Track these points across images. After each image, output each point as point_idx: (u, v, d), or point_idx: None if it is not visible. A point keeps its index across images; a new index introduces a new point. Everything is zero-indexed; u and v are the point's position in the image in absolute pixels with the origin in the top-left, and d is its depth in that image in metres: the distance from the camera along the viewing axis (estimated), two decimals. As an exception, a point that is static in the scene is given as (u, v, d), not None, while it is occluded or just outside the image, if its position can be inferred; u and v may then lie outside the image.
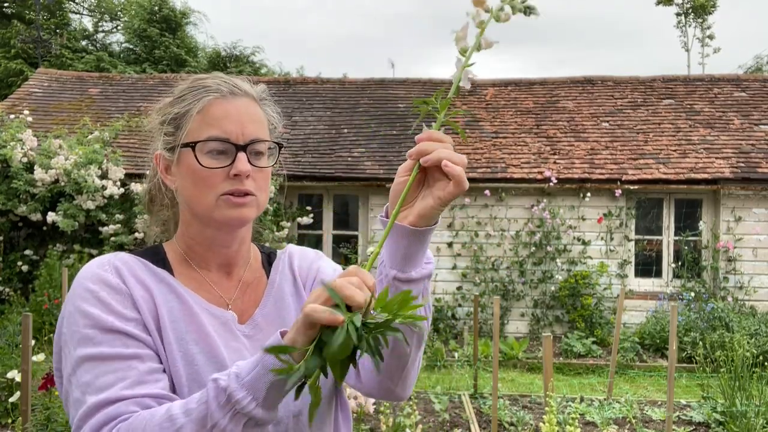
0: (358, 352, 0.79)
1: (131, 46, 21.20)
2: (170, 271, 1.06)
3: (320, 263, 1.21)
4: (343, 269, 0.95)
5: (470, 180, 9.20)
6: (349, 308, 0.79)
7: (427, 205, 0.91)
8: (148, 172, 1.18)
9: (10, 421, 4.53)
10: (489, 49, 0.88)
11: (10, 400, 4.09)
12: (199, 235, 1.08)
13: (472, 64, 0.88)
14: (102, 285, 0.96)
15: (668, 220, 9.00)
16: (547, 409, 2.39)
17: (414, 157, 0.91)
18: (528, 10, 0.85)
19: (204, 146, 1.01)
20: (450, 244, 8.95)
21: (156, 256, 1.08)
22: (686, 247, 8.86)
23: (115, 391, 0.88)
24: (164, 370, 0.96)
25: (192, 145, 1.02)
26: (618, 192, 8.64)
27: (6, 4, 20.79)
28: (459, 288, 8.93)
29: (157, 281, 1.02)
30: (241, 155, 1.01)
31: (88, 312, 0.94)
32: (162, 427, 0.83)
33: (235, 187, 1.01)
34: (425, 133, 0.91)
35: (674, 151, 9.13)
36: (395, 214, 0.90)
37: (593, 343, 8.01)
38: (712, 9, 22.70)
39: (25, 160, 7.97)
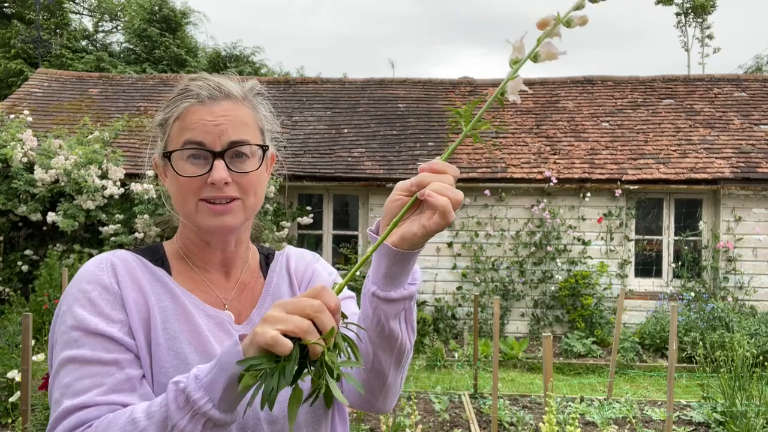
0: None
1: (131, 46, 21.17)
2: (168, 270, 1.07)
3: (316, 266, 1.21)
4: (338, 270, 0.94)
5: (470, 180, 9.19)
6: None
7: (411, 230, 0.89)
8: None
9: (10, 421, 4.53)
10: (553, 60, 0.81)
11: (10, 400, 4.09)
12: (195, 237, 1.09)
13: (515, 77, 0.82)
14: (95, 284, 0.97)
15: (668, 220, 9.00)
16: (547, 409, 2.39)
17: (414, 188, 0.88)
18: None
19: (182, 153, 1.01)
20: (450, 244, 8.95)
21: (155, 255, 1.09)
22: (686, 247, 8.86)
23: (89, 397, 0.89)
24: (143, 376, 0.96)
25: (168, 154, 1.02)
26: (618, 192, 8.64)
27: (6, 4, 20.78)
28: (459, 288, 8.93)
29: (153, 280, 1.03)
30: (218, 163, 1.00)
31: (76, 313, 0.95)
32: (125, 430, 0.83)
33: (214, 194, 1.01)
34: (427, 164, 0.88)
35: (674, 151, 9.13)
36: (384, 236, 0.88)
37: (593, 343, 8.01)
38: (712, 9, 22.68)
39: (25, 160, 7.97)
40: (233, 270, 1.12)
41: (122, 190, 7.94)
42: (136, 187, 7.83)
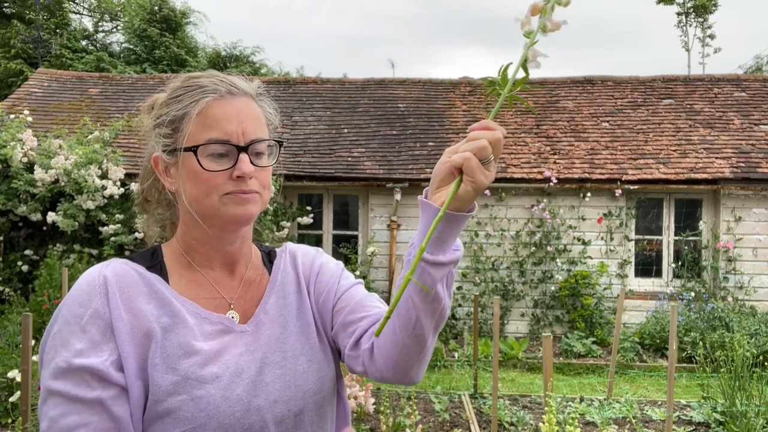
0: None
1: (131, 46, 21.18)
2: (166, 276, 1.05)
3: (322, 260, 1.21)
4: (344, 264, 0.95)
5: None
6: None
7: (461, 189, 0.91)
8: (140, 172, 1.17)
9: (10, 421, 4.54)
10: (557, 31, 0.86)
11: (10, 400, 4.09)
12: (201, 235, 1.07)
13: (535, 42, 0.87)
14: (87, 307, 0.95)
15: (668, 220, 9.00)
16: (547, 409, 2.38)
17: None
18: None
19: (205, 149, 1.00)
20: (450, 244, 8.95)
21: (153, 260, 1.07)
22: (686, 247, 8.86)
23: None
24: (130, 413, 0.95)
25: (194, 149, 1.00)
26: (618, 192, 8.64)
27: (6, 4, 20.78)
28: (459, 288, 8.93)
29: (149, 293, 1.00)
30: (243, 156, 1.01)
31: (67, 342, 0.94)
32: None
33: (239, 188, 1.01)
34: (480, 123, 0.90)
35: (674, 151, 9.13)
36: (445, 206, 0.90)
37: (593, 343, 8.01)
38: (713, 8, 22.66)
39: (25, 160, 7.97)
40: (237, 267, 1.12)
41: (122, 190, 7.94)
42: (136, 187, 7.80)
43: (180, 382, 0.96)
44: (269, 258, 1.19)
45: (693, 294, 8.28)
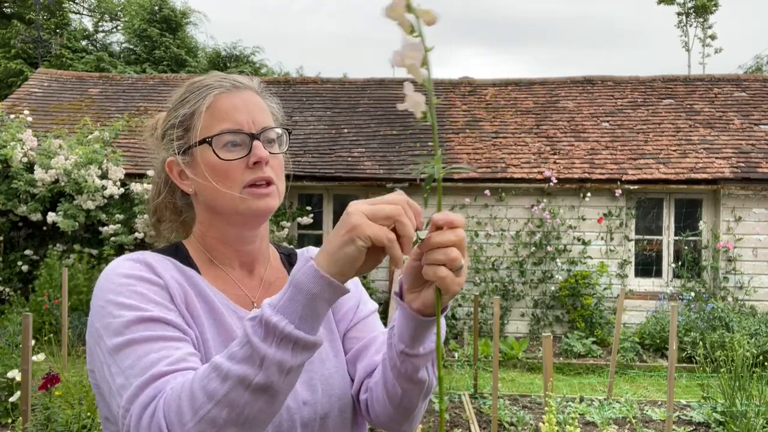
0: None
1: (131, 46, 21.19)
2: (197, 269, 1.05)
3: None
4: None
5: (470, 180, 9.16)
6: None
7: (429, 295, 0.87)
8: (150, 192, 1.16)
9: (10, 421, 4.54)
10: (433, 24, 0.78)
11: (10, 400, 4.09)
12: (220, 236, 1.07)
13: (434, 95, 0.80)
14: (136, 279, 0.93)
15: (668, 220, 9.00)
16: (546, 409, 2.38)
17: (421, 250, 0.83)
18: None
19: (219, 140, 1.01)
20: (450, 244, 8.94)
21: (181, 254, 1.06)
22: (686, 247, 8.86)
23: (160, 368, 0.84)
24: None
25: (209, 141, 1.01)
26: (618, 192, 8.64)
27: (6, 4, 20.79)
28: (459, 288, 8.92)
29: (186, 280, 1.00)
30: (257, 143, 1.01)
31: (125, 303, 0.90)
32: (209, 378, 0.78)
33: (257, 175, 1.01)
34: (444, 217, 0.81)
35: (674, 151, 9.13)
36: (437, 329, 0.84)
37: (593, 343, 8.01)
38: (714, 8, 22.63)
39: (25, 160, 7.97)
40: (257, 267, 1.12)
41: (122, 190, 7.95)
42: (136, 187, 7.84)
43: None
44: (289, 261, 1.18)
45: (693, 294, 8.28)
